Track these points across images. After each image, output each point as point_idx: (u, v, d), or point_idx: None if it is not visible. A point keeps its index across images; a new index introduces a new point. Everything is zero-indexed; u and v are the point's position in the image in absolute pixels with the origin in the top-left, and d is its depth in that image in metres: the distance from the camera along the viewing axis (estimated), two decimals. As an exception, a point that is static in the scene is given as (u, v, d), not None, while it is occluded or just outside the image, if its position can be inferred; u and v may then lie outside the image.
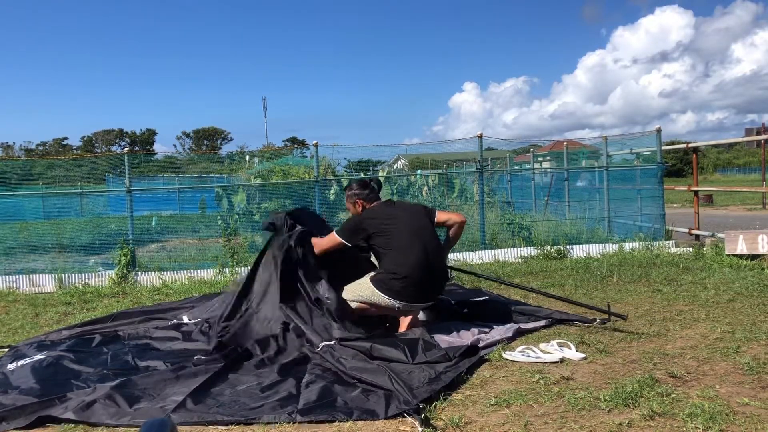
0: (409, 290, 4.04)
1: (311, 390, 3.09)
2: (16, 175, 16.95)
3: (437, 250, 4.22)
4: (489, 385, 3.20)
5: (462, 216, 4.47)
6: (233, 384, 3.28)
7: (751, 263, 6.46)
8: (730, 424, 2.58)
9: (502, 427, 2.67)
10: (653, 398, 2.88)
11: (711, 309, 4.66)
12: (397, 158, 24.19)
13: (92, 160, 20.04)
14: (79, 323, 4.89)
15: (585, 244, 8.37)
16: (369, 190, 4.47)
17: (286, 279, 4.18)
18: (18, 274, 7.50)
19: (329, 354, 3.56)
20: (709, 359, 3.49)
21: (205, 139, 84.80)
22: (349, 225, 4.31)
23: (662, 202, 9.37)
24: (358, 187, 4.50)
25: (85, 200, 17.24)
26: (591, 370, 3.38)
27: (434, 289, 4.21)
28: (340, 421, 2.78)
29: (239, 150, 19.64)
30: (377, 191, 4.52)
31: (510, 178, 15.84)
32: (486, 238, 8.70)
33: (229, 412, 2.90)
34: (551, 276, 6.54)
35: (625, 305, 4.90)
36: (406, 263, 4.03)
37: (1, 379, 3.51)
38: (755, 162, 50.31)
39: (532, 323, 4.35)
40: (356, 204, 4.43)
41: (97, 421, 2.87)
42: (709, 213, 16.00)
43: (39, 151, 74.59)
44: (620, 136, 11.33)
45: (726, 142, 18.34)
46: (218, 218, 10.26)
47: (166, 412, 2.89)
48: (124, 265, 7.38)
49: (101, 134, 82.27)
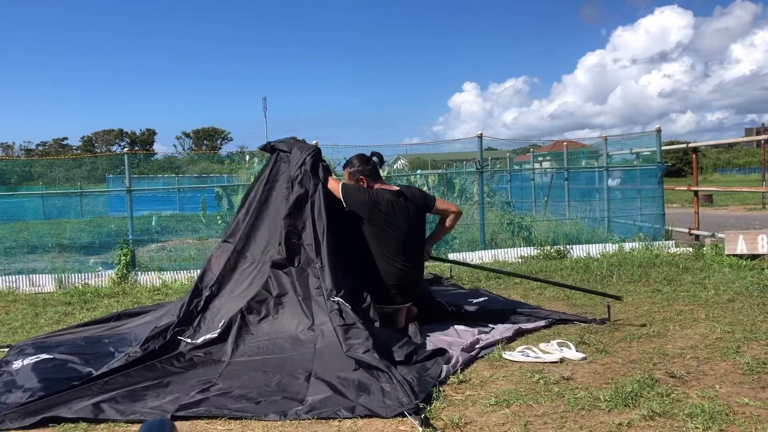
0: (391, 294, 4.17)
1: (314, 386, 3.10)
2: (16, 175, 16.96)
3: (419, 255, 4.39)
4: (489, 385, 3.20)
5: (458, 208, 4.63)
6: (239, 376, 3.28)
7: (751, 263, 6.46)
8: (730, 424, 2.59)
9: (502, 427, 2.68)
10: (653, 398, 2.88)
11: (711, 309, 4.67)
12: (397, 158, 24.17)
13: (92, 160, 20.07)
14: (80, 323, 4.89)
15: (585, 244, 8.37)
16: (371, 165, 4.41)
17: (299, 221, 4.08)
18: (18, 274, 7.50)
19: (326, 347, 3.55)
20: (709, 359, 3.49)
21: (205, 139, 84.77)
22: (359, 198, 4.23)
23: (662, 202, 9.37)
24: (359, 162, 4.39)
25: (85, 200, 17.25)
26: (591, 370, 3.39)
27: (416, 289, 4.35)
28: (344, 418, 2.79)
29: (239, 150, 19.61)
30: (379, 166, 4.46)
31: (510, 178, 15.86)
32: (486, 238, 8.71)
33: (236, 407, 2.91)
34: (551, 276, 6.53)
35: (625, 305, 4.90)
36: (389, 272, 4.17)
37: (8, 379, 3.51)
38: (755, 162, 50.30)
39: (531, 323, 4.35)
40: (360, 181, 4.36)
41: (105, 417, 2.89)
42: (709, 213, 16.00)
43: (39, 151, 74.59)
44: (620, 136, 11.35)
45: (726, 142, 18.31)
46: (218, 218, 10.27)
47: (173, 407, 2.92)
48: (124, 265, 7.38)
49: (101, 134, 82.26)
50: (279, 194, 4.35)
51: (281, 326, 3.78)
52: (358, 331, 3.50)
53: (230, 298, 4.04)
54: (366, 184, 4.34)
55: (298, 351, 3.59)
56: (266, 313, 3.86)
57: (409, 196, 4.33)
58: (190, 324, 3.87)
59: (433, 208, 4.46)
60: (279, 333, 3.74)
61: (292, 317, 3.80)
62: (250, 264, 4.19)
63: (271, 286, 3.96)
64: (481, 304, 4.91)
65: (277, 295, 3.92)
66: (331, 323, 3.59)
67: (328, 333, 3.58)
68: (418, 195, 4.44)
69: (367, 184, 4.34)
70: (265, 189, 4.39)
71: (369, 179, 4.35)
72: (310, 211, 4.11)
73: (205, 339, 3.76)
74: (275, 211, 4.30)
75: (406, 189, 4.42)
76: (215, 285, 4.09)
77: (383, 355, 3.34)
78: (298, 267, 4.00)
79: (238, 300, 3.99)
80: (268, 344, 3.68)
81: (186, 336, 3.79)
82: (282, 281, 3.97)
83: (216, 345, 3.73)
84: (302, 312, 3.80)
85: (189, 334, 3.81)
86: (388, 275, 4.17)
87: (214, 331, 3.79)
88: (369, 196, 4.24)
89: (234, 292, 4.07)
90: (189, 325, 3.86)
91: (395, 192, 4.32)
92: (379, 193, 4.28)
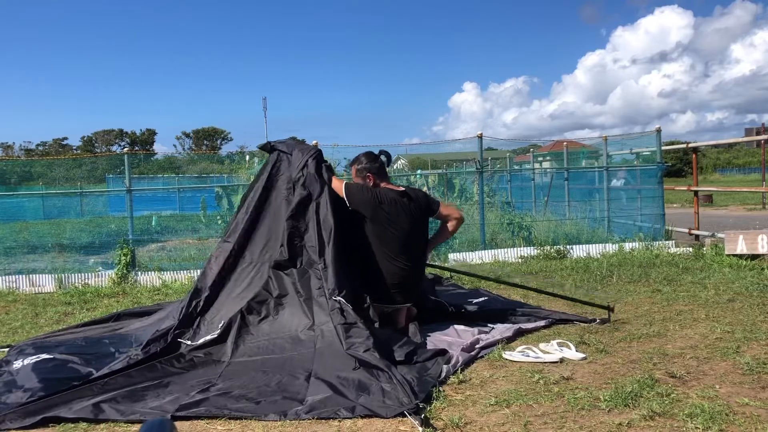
0: (391, 294, 4.17)
1: (314, 386, 3.10)
2: (16, 175, 16.96)
3: (421, 255, 4.40)
4: (489, 385, 3.20)
5: (462, 214, 4.65)
6: (239, 375, 3.28)
7: (751, 263, 6.46)
8: (730, 424, 2.59)
9: (502, 427, 2.68)
10: (653, 398, 2.88)
11: (711, 309, 4.67)
12: (397, 158, 24.16)
13: (92, 160, 20.07)
14: (81, 323, 4.89)
15: (585, 244, 8.37)
16: (379, 163, 4.41)
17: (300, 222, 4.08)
18: (18, 274, 7.50)
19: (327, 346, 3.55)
20: (709, 359, 3.49)
21: (205, 139, 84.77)
22: (362, 196, 4.24)
23: (662, 202, 9.37)
24: (367, 160, 4.40)
25: (85, 200, 17.26)
26: (591, 370, 3.39)
27: (417, 290, 4.35)
28: (344, 418, 2.79)
29: (239, 150, 19.62)
30: (386, 165, 4.46)
31: (510, 178, 15.86)
32: (486, 238, 8.71)
33: (236, 407, 2.91)
34: (551, 276, 6.54)
35: (625, 305, 4.90)
36: (391, 271, 4.17)
37: (8, 379, 3.51)
38: (755, 162, 50.31)
39: (531, 323, 4.35)
40: (367, 178, 4.36)
41: (105, 417, 2.89)
42: (709, 213, 16.00)
43: (39, 151, 74.59)
44: (620, 136, 11.35)
45: (726, 142, 18.32)
46: (218, 218, 10.27)
47: (174, 407, 2.92)
48: (124, 265, 7.38)
49: (101, 134, 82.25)
50: (278, 194, 4.35)
51: (281, 326, 3.78)
52: (359, 330, 3.50)
53: (229, 299, 4.04)
54: (372, 181, 4.35)
55: (298, 351, 3.59)
56: (266, 313, 3.86)
57: (412, 196, 4.34)
58: (190, 326, 3.87)
59: (436, 212, 4.46)
60: (279, 333, 3.74)
61: (293, 317, 3.80)
62: (248, 264, 4.19)
63: (271, 286, 3.96)
64: (481, 304, 4.91)
65: (277, 295, 3.91)
66: (332, 321, 3.59)
67: (328, 333, 3.58)
68: (422, 197, 4.46)
69: (374, 182, 4.35)
70: (264, 189, 4.38)
71: (376, 177, 4.36)
72: (314, 213, 4.11)
73: (205, 340, 3.76)
74: (274, 212, 4.30)
75: (410, 190, 4.43)
76: (214, 285, 4.09)
77: (384, 355, 3.34)
78: (300, 268, 4.00)
79: (238, 300, 3.99)
80: (268, 344, 3.68)
81: (186, 338, 3.79)
82: (283, 282, 3.97)
83: (216, 345, 3.73)
84: (303, 312, 3.80)
85: (189, 336, 3.81)
86: (390, 275, 4.17)
87: (213, 332, 3.79)
88: (372, 194, 4.24)
89: (233, 293, 4.07)
90: (189, 327, 3.86)
91: (399, 192, 4.32)
92: (383, 191, 4.28)
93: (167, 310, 4.58)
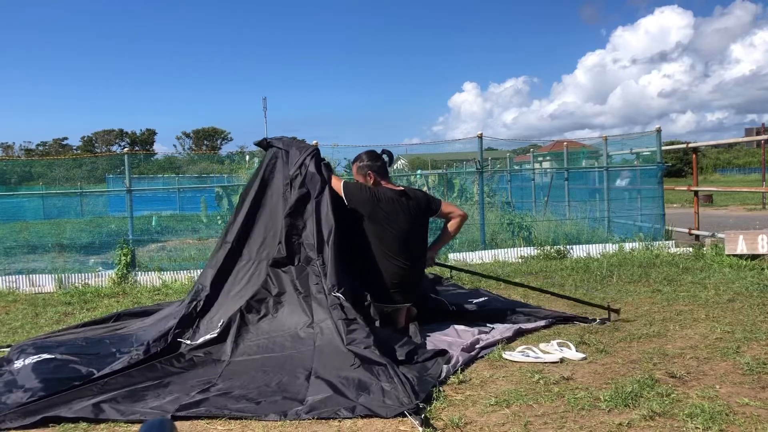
0: (390, 294, 4.16)
1: (314, 386, 3.10)
2: (16, 175, 16.96)
3: (420, 255, 4.38)
4: (489, 385, 3.20)
5: (464, 212, 4.62)
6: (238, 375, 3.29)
7: (751, 263, 6.46)
8: (730, 424, 2.58)
9: (502, 427, 2.68)
10: (653, 398, 2.88)
11: (711, 309, 4.67)
12: (397, 158, 24.16)
13: (92, 160, 20.06)
14: (81, 323, 4.89)
15: (585, 244, 8.37)
16: (380, 162, 4.41)
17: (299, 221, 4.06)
18: (18, 274, 7.50)
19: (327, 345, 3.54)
20: (709, 359, 3.49)
21: (205, 139, 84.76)
22: (360, 195, 4.24)
23: (662, 202, 9.37)
24: (369, 158, 4.40)
25: (85, 200, 17.25)
26: (591, 370, 3.39)
27: (417, 290, 4.34)
28: (344, 418, 2.79)
29: (239, 150, 19.62)
30: (388, 164, 4.46)
31: (510, 178, 15.87)
32: (486, 238, 8.71)
33: (236, 407, 2.91)
34: (551, 276, 6.54)
35: (625, 305, 4.90)
36: (390, 271, 4.16)
37: (9, 378, 3.51)
38: (755, 162, 50.31)
39: (532, 323, 4.35)
40: (368, 176, 4.36)
41: (105, 417, 2.89)
42: (709, 213, 16.01)
43: (39, 151, 74.58)
44: (620, 136, 11.36)
45: (726, 142, 18.33)
46: (218, 218, 10.27)
47: (174, 407, 2.92)
48: (124, 265, 7.38)
49: (101, 134, 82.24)
50: (275, 192, 4.34)
51: (281, 324, 3.78)
52: (359, 327, 3.50)
53: (228, 297, 4.04)
54: (373, 180, 4.35)
55: (298, 349, 3.59)
56: (265, 311, 3.86)
57: (412, 196, 4.34)
58: (189, 326, 3.87)
59: (438, 211, 4.45)
60: (278, 331, 3.74)
61: (292, 315, 3.80)
62: (246, 262, 4.19)
63: (270, 284, 3.96)
64: (481, 304, 4.91)
65: (276, 293, 3.91)
66: (332, 318, 3.58)
67: (327, 330, 3.58)
68: (422, 197, 4.45)
69: (374, 181, 4.35)
70: (260, 186, 4.38)
71: (377, 176, 4.36)
72: (314, 211, 4.11)
73: (204, 339, 3.76)
74: (271, 209, 4.30)
75: (410, 190, 4.43)
76: (213, 285, 4.10)
77: (384, 352, 3.34)
78: (298, 266, 4.00)
79: (236, 299, 3.99)
80: (267, 343, 3.68)
81: (186, 338, 3.79)
82: (281, 280, 3.97)
83: (216, 345, 3.73)
84: (302, 310, 3.79)
85: (189, 335, 3.81)
86: (389, 274, 4.17)
87: (213, 331, 3.79)
88: (370, 193, 4.25)
89: (231, 291, 4.07)
90: (189, 327, 3.86)
91: (398, 191, 4.33)
92: (381, 190, 4.29)
93: (169, 310, 4.58)
